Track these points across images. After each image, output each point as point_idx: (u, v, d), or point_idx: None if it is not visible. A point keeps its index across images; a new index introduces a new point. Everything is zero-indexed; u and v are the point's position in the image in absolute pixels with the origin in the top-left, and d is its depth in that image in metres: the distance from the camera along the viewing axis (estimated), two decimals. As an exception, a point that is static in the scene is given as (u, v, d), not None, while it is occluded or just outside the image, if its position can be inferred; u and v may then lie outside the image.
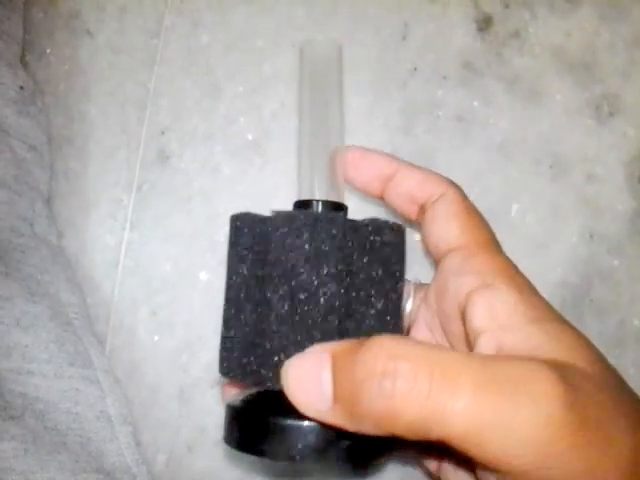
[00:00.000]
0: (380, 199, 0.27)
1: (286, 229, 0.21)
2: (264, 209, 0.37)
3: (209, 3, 0.38)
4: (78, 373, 0.29)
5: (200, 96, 0.37)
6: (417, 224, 0.27)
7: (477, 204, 0.36)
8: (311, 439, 0.20)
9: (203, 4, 0.38)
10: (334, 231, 0.21)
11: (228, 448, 0.35)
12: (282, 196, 0.37)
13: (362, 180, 0.26)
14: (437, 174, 0.26)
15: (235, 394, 0.24)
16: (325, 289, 0.21)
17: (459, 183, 0.37)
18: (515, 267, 0.23)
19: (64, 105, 0.38)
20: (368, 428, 0.18)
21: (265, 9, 0.38)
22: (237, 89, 0.37)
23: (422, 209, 0.26)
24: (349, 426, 0.19)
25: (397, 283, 0.23)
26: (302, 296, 0.21)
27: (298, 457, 0.20)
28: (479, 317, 0.21)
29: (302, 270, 0.21)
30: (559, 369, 0.18)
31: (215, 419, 0.35)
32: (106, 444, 0.29)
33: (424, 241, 0.26)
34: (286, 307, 0.21)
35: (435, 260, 0.25)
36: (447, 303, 0.24)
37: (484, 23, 0.38)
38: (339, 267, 0.21)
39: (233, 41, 0.38)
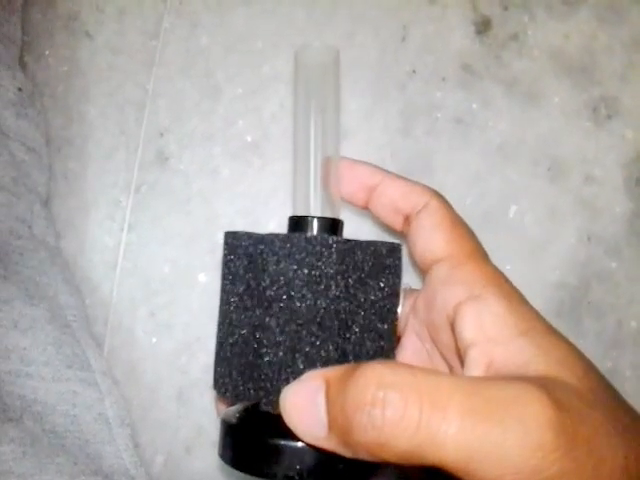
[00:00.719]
0: (366, 209, 0.27)
1: (283, 253, 0.21)
2: (263, 210, 0.37)
3: (208, 5, 0.38)
4: (76, 375, 0.29)
5: (199, 98, 0.37)
6: (402, 234, 0.26)
7: (475, 206, 0.37)
8: (309, 460, 0.20)
9: (202, 6, 0.38)
10: (333, 256, 0.21)
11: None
12: (281, 197, 0.37)
13: (347, 191, 0.26)
14: (421, 184, 0.26)
15: (229, 409, 0.24)
16: (323, 314, 0.21)
17: (457, 185, 0.37)
18: (503, 276, 0.23)
19: (63, 106, 0.38)
20: (363, 455, 0.18)
21: (265, 11, 0.38)
22: (236, 91, 0.37)
23: (407, 220, 0.25)
24: (345, 453, 0.19)
25: (394, 304, 0.23)
26: (300, 321, 0.21)
27: (297, 478, 0.20)
28: (468, 330, 0.21)
29: (300, 295, 0.21)
30: (549, 388, 0.18)
31: (214, 420, 0.35)
32: (104, 446, 0.29)
33: (410, 251, 0.26)
34: (284, 332, 0.21)
35: (422, 271, 0.25)
36: (436, 314, 0.24)
37: (483, 25, 0.38)
38: (337, 292, 0.21)
39: (232, 43, 0.38)
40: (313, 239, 0.21)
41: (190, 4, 0.38)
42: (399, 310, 0.25)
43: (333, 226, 0.23)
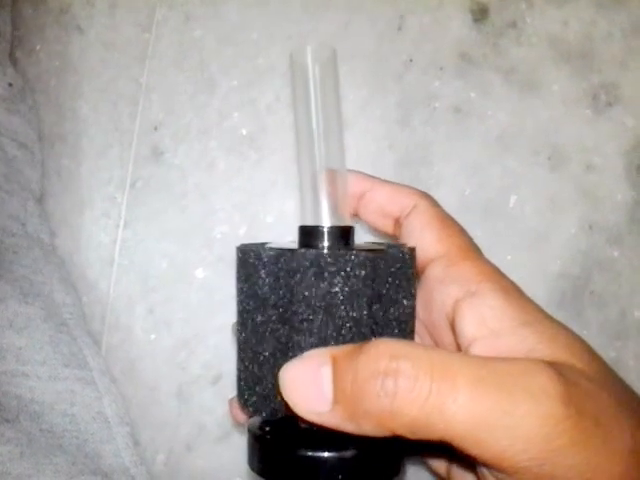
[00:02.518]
0: (355, 217, 0.27)
1: (313, 271, 0.21)
2: (260, 204, 0.37)
3: (201, -4, 0.37)
4: (73, 374, 0.29)
5: (193, 91, 0.37)
6: (394, 238, 0.26)
7: (475, 196, 0.36)
8: (350, 470, 0.20)
9: (195, -3, 0.37)
10: (363, 272, 0.21)
11: (227, 447, 0.35)
12: (278, 190, 0.36)
13: None
14: (408, 186, 0.26)
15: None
16: (354, 329, 0.21)
17: (457, 175, 0.37)
18: (498, 270, 0.23)
19: (55, 102, 0.37)
20: (368, 428, 0.18)
21: (259, 1, 0.37)
22: (231, 83, 0.37)
23: (397, 222, 0.26)
24: (349, 427, 0.19)
25: (414, 308, 0.23)
26: (331, 338, 0.21)
27: None
28: (469, 326, 0.21)
29: (330, 312, 0.21)
30: (557, 366, 0.18)
31: (214, 417, 0.35)
32: (103, 445, 0.29)
33: None
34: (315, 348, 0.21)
35: (417, 272, 0.25)
36: (434, 314, 0.24)
37: (480, 13, 0.37)
38: (368, 306, 0.21)
39: (227, 34, 0.37)
40: (343, 255, 0.21)
41: (183, -4, 0.37)
42: None
43: (346, 234, 0.23)
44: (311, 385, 0.19)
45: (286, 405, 0.20)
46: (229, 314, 0.36)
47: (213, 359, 0.35)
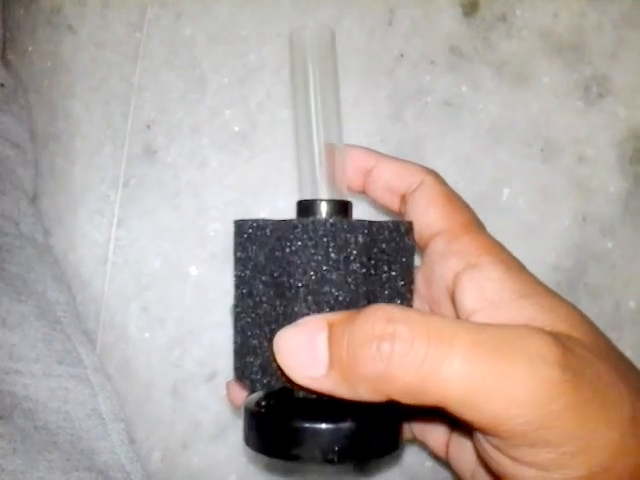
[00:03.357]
0: (363, 194, 0.27)
1: (309, 241, 0.21)
2: (253, 201, 0.37)
3: (192, -6, 0.37)
4: (67, 372, 0.29)
5: (185, 89, 0.37)
6: (400, 215, 0.26)
7: (468, 189, 0.36)
8: (347, 440, 0.20)
9: (186, -4, 0.37)
10: (359, 239, 0.21)
11: (223, 444, 0.35)
12: (271, 187, 0.36)
13: None
14: (414, 163, 0.26)
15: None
16: (350, 297, 0.21)
17: (449, 169, 0.37)
18: (500, 245, 0.23)
19: (48, 102, 0.37)
20: (364, 392, 0.18)
21: (249, -1, 0.37)
22: (222, 81, 0.37)
23: (403, 199, 0.26)
24: (344, 392, 0.19)
25: (411, 281, 0.23)
26: (329, 305, 0.21)
27: (335, 459, 0.20)
28: (469, 298, 0.21)
29: (329, 280, 0.21)
30: (555, 334, 0.18)
31: (210, 414, 0.35)
32: (98, 442, 0.29)
33: None
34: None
35: (420, 248, 0.25)
36: (435, 288, 0.24)
37: (470, 7, 0.37)
38: (363, 274, 0.21)
39: (217, 32, 0.37)
40: (338, 223, 0.21)
41: (173, -6, 0.38)
42: None
43: (343, 208, 0.23)
44: (306, 350, 0.19)
45: (281, 372, 0.20)
46: (223, 311, 0.36)
47: (207, 356, 0.35)
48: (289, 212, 0.36)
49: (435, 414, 0.18)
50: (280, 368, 0.20)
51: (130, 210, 0.36)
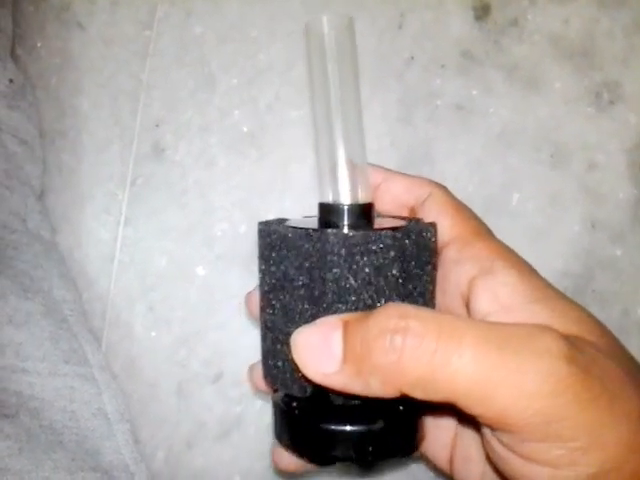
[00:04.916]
0: None
1: (343, 252, 0.21)
2: (260, 202, 0.36)
3: (202, -7, 0.37)
4: (73, 370, 0.29)
5: (194, 88, 0.37)
6: None
7: (477, 193, 0.36)
8: (379, 441, 0.21)
9: (196, -6, 0.37)
10: (392, 252, 0.21)
11: (227, 445, 0.35)
12: (278, 188, 0.36)
13: None
14: (422, 177, 0.26)
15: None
16: (383, 305, 0.21)
17: (459, 173, 0.37)
18: (511, 250, 0.24)
19: (56, 99, 0.37)
20: (376, 386, 0.19)
21: (259, -1, 0.37)
22: (232, 81, 0.37)
23: (412, 212, 0.26)
24: (357, 387, 0.19)
25: (435, 285, 0.24)
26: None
27: (370, 458, 0.21)
28: (483, 302, 0.22)
29: (362, 290, 0.21)
30: (566, 336, 0.19)
31: (214, 414, 0.35)
32: (103, 442, 0.28)
33: None
34: None
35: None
36: (449, 295, 0.24)
37: (482, 11, 0.37)
38: (396, 281, 0.21)
39: (227, 31, 0.37)
40: (371, 236, 0.21)
41: (184, -7, 0.37)
42: None
43: (367, 211, 0.23)
44: (322, 346, 0.19)
45: (297, 370, 0.20)
46: (229, 312, 0.36)
47: (213, 357, 0.35)
48: (296, 214, 0.36)
49: (443, 413, 0.18)
50: (297, 366, 0.20)
51: (137, 209, 0.36)
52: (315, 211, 0.24)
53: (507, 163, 0.36)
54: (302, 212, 0.27)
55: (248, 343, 0.34)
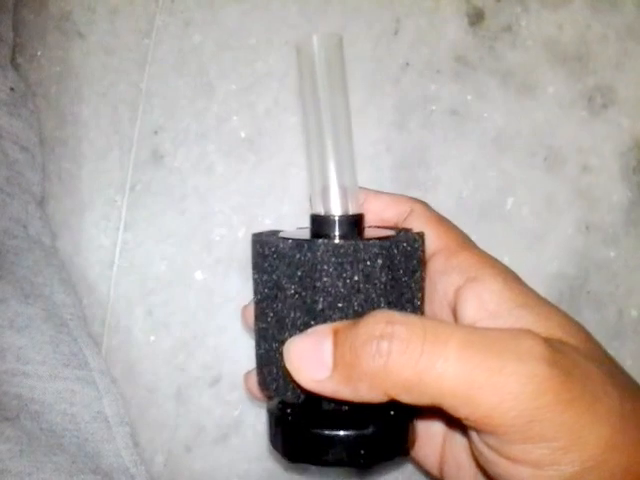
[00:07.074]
0: None
1: (334, 261, 0.22)
2: (258, 207, 0.37)
3: (200, 2, 0.38)
4: (73, 374, 0.29)
5: (193, 95, 0.37)
6: None
7: (472, 198, 0.37)
8: (371, 445, 0.22)
9: (194, 3, 0.38)
10: (380, 260, 0.22)
11: (226, 448, 0.35)
12: (277, 194, 0.37)
13: None
14: (402, 195, 0.27)
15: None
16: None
17: (454, 177, 0.37)
18: (496, 259, 0.24)
19: (56, 107, 0.38)
20: (364, 391, 0.19)
21: (257, 7, 0.38)
22: (230, 87, 0.37)
23: (395, 229, 0.27)
24: (346, 393, 0.20)
25: (423, 294, 0.24)
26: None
27: (362, 462, 0.22)
28: (469, 310, 0.22)
29: (352, 298, 0.22)
30: (548, 339, 0.19)
31: (213, 418, 0.35)
32: (103, 445, 0.29)
33: None
34: None
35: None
36: (437, 304, 0.24)
37: (476, 17, 0.38)
38: (385, 290, 0.22)
39: (225, 40, 0.38)
40: (361, 246, 0.22)
41: (182, 2, 0.38)
42: None
43: (357, 222, 0.24)
44: (313, 354, 0.20)
45: (290, 378, 0.21)
46: (228, 316, 0.36)
47: (212, 361, 0.35)
48: (294, 219, 0.37)
49: (432, 417, 0.19)
50: (289, 374, 0.21)
51: (136, 214, 0.37)
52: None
53: (502, 167, 0.36)
54: (300, 217, 0.27)
55: (246, 347, 0.34)
